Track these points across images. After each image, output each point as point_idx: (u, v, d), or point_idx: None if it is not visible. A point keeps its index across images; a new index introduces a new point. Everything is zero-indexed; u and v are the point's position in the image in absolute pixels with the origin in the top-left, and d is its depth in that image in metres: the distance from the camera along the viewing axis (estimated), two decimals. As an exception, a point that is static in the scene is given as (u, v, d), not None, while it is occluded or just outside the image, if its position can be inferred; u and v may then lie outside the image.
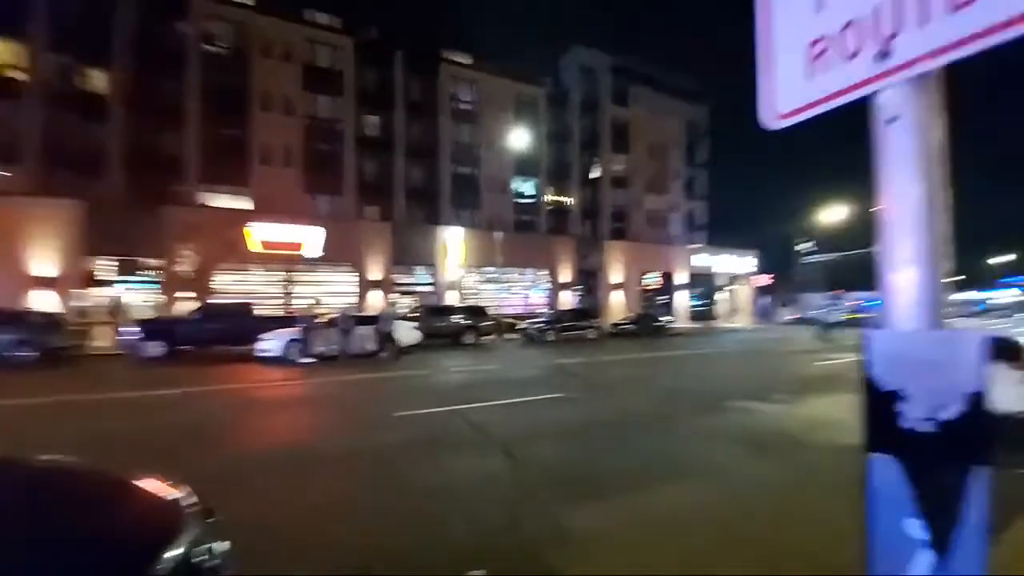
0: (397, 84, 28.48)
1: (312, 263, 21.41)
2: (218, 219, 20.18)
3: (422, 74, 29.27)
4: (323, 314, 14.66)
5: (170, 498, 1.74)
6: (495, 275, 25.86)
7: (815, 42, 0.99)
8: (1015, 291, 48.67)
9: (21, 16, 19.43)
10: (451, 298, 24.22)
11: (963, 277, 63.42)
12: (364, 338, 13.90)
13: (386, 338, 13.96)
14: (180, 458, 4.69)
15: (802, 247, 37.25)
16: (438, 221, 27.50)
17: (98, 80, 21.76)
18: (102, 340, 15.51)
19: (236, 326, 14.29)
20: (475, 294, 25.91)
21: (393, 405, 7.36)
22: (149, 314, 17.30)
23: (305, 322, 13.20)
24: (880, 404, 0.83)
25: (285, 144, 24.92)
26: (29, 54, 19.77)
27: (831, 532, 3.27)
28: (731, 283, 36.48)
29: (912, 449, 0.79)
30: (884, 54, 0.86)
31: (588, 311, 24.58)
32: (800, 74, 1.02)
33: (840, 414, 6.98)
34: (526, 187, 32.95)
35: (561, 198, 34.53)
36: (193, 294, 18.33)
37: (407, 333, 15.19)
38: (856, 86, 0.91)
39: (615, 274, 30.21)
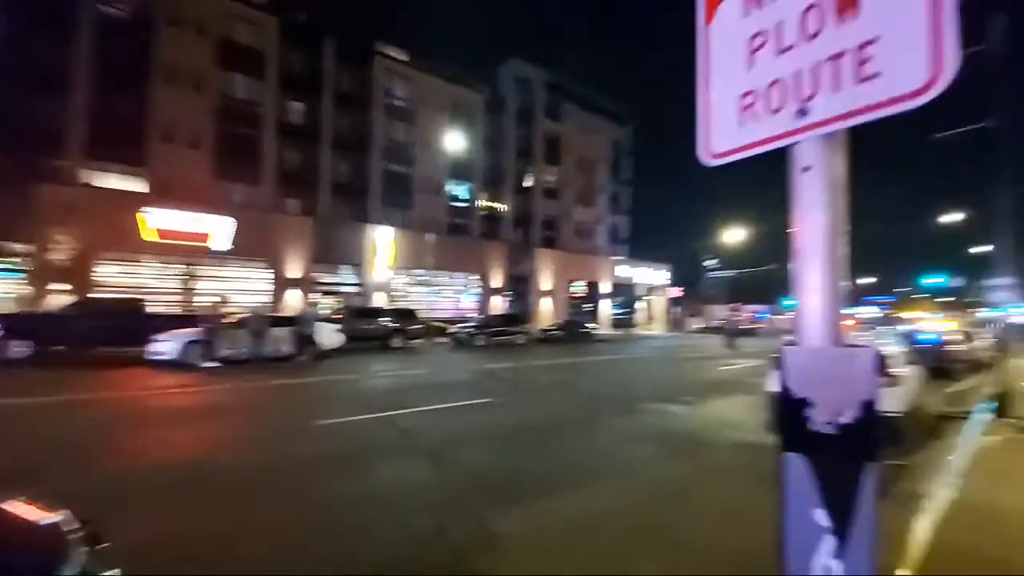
0: (326, 72, 26.95)
1: (220, 257, 19.47)
2: (105, 201, 17.65)
3: (354, 65, 28.00)
4: (232, 313, 13.37)
5: (49, 522, 1.52)
6: (425, 278, 25.36)
7: (746, 94, 1.13)
8: (875, 308, 59.49)
9: None
10: (379, 300, 23.34)
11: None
12: (280, 340, 12.92)
13: (306, 340, 13.09)
14: (56, 479, 4.04)
15: (708, 263, 41.18)
16: (367, 219, 26.38)
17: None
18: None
19: (122, 324, 12.54)
20: (404, 296, 25.22)
21: (313, 413, 6.91)
22: (12, 308, 14.61)
23: (209, 322, 11.96)
24: (792, 411, 0.96)
25: (193, 124, 22.42)
26: None
27: (732, 520, 3.65)
28: (648, 294, 39.13)
29: (818, 449, 0.93)
30: (802, 112, 1.00)
31: (518, 316, 24.95)
32: (733, 121, 1.16)
33: (739, 415, 7.78)
34: (460, 191, 32.80)
35: (494, 204, 34.84)
36: (68, 286, 15.81)
37: (329, 336, 14.36)
38: (778, 136, 1.06)
39: (545, 281, 31.04)
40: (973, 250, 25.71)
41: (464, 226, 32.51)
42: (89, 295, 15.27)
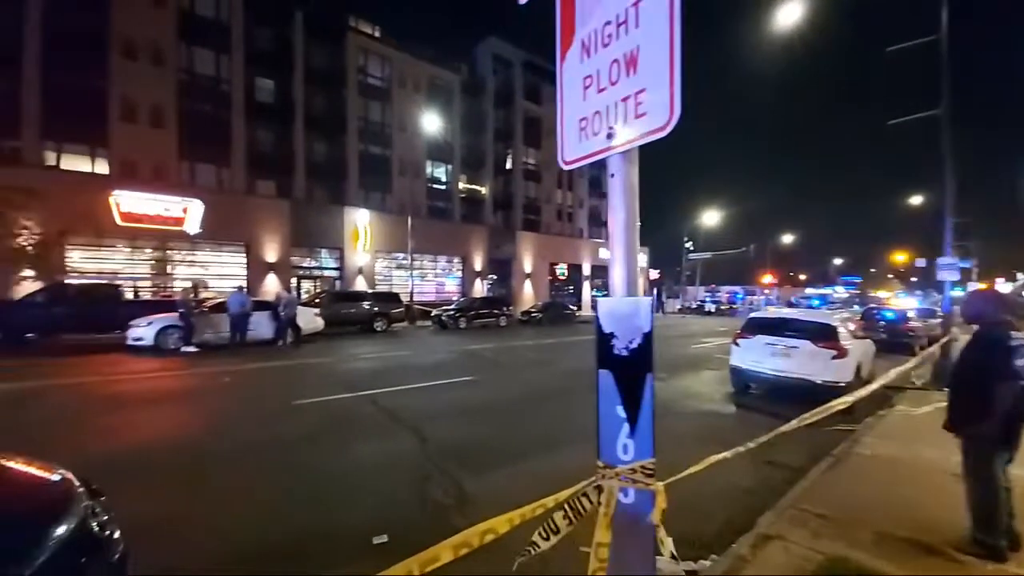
0: (297, 47, 26.12)
1: (193, 240, 19.14)
2: (70, 183, 17.10)
3: (325, 40, 27.16)
4: (208, 298, 13.32)
5: (54, 477, 1.80)
6: (406, 261, 25.34)
7: (582, 119, 1.50)
8: (843, 289, 61.33)
9: None
10: (359, 283, 23.32)
11: (805, 276, 77.23)
12: (259, 324, 12.98)
13: (285, 325, 13.16)
14: (50, 455, 4.20)
15: (686, 245, 42.10)
16: (345, 202, 26.07)
17: None
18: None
19: (97, 310, 12.42)
20: (385, 280, 25.21)
21: (294, 393, 7.15)
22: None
23: (185, 306, 11.91)
24: (603, 340, 1.39)
25: (155, 101, 21.61)
26: None
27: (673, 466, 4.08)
28: (628, 275, 39.88)
29: (618, 365, 1.34)
30: (609, 136, 1.38)
31: (499, 299, 25.25)
32: (575, 138, 1.54)
33: (704, 388, 8.31)
34: (439, 173, 32.56)
35: (475, 187, 34.73)
36: (35, 272, 15.40)
37: (309, 320, 14.44)
38: (598, 152, 1.45)
39: (526, 264, 31.35)
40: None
41: (445, 209, 32.40)
42: (61, 281, 14.92)
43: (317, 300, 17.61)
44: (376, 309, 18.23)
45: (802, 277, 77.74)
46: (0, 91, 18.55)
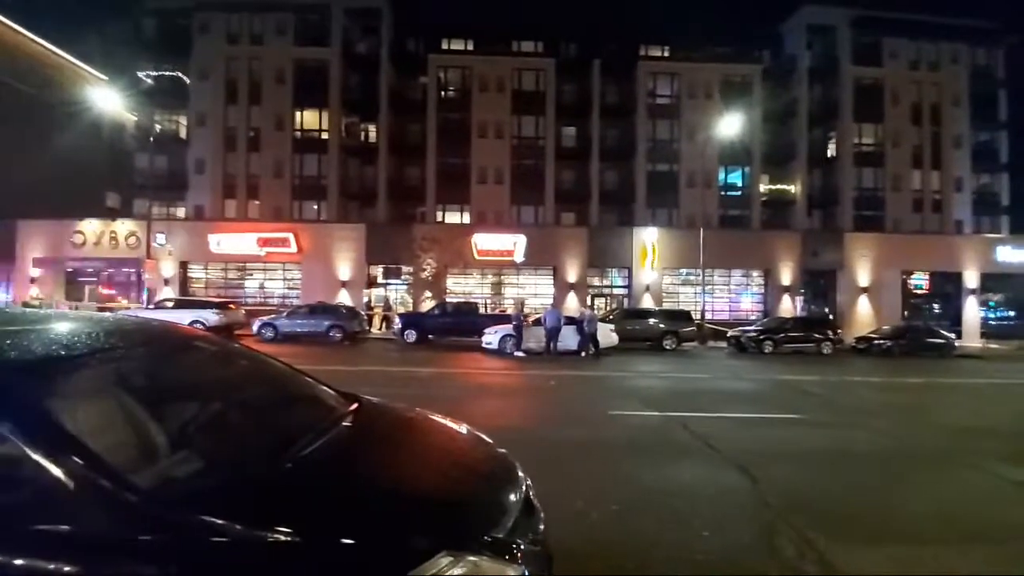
0: (594, 91, 29.23)
1: (517, 267, 23.83)
2: (448, 232, 24.41)
3: (618, 77, 29.32)
4: (529, 313, 16.23)
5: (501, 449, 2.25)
6: (693, 277, 23.93)
7: None
8: None
9: (324, 89, 27.24)
10: (646, 301, 23.51)
11: None
12: (566, 337, 14.81)
13: (589, 339, 14.53)
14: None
15: None
16: (632, 223, 27.06)
17: (370, 132, 29.05)
18: (376, 327, 20.65)
19: (464, 321, 17.13)
20: (672, 296, 24.53)
21: (605, 404, 7.70)
22: (404, 309, 22.18)
23: (516, 319, 14.82)
24: None
25: (497, 165, 28.45)
26: (329, 118, 27.53)
27: None
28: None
29: None
30: None
31: (819, 320, 20.50)
32: None
33: None
34: (734, 178, 29.50)
35: (780, 186, 29.71)
36: (431, 294, 22.63)
37: (606, 335, 15.47)
38: None
39: (861, 275, 24.26)
40: None
41: (741, 217, 29.07)
42: (445, 300, 21.43)
43: (611, 317, 18.76)
44: (664, 327, 17.88)
45: None
46: (414, 176, 28.72)
